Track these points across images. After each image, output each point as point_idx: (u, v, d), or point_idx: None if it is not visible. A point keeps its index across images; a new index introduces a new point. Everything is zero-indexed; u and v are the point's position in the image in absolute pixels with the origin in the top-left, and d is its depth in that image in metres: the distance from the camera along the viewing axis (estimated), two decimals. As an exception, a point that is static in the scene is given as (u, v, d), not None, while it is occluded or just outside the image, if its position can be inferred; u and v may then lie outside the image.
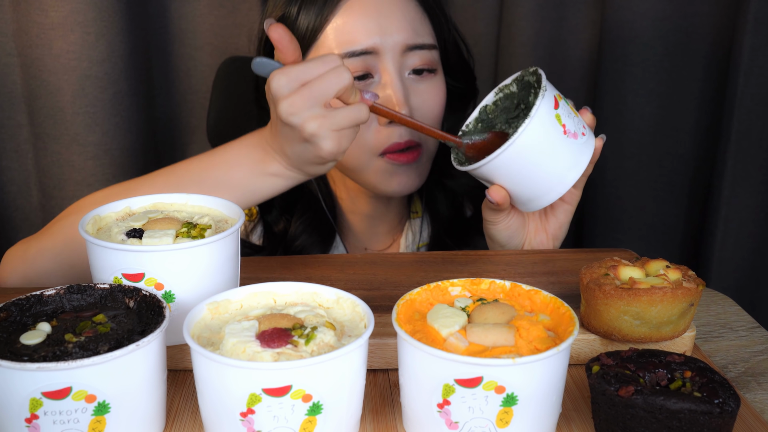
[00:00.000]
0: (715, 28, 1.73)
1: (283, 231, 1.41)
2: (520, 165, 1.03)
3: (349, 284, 1.04)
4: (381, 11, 1.24)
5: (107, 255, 0.83)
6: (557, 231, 1.20)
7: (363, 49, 1.23)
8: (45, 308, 0.77)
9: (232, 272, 0.89)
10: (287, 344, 0.70)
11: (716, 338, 0.99)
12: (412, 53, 1.26)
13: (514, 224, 1.17)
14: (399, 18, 1.24)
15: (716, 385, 0.71)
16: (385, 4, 1.24)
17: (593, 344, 0.89)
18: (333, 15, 1.24)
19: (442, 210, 1.45)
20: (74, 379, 0.66)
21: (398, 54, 1.24)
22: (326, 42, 1.24)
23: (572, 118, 1.05)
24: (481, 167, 1.05)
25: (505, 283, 0.83)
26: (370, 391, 0.84)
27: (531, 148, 1.01)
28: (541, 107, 1.01)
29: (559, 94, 1.05)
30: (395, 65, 1.24)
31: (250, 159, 1.10)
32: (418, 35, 1.26)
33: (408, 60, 1.26)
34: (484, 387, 0.68)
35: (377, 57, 1.24)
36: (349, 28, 1.23)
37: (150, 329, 0.72)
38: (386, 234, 1.47)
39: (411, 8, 1.26)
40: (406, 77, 1.27)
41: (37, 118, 1.77)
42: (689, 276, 0.87)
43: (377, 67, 1.25)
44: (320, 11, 1.24)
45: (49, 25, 1.69)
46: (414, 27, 1.25)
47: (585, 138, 1.06)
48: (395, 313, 0.75)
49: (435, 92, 1.30)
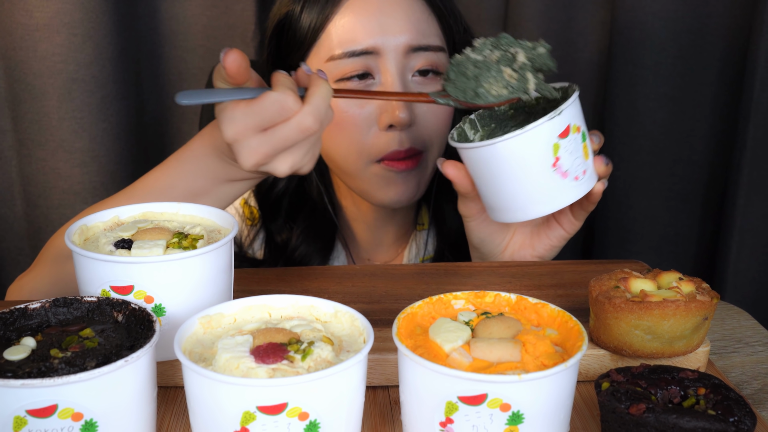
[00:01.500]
0: (730, 30, 1.73)
1: (286, 241, 1.41)
2: (490, 170, 1.00)
3: (347, 297, 1.04)
4: (384, 10, 1.24)
5: (95, 267, 0.83)
6: (545, 252, 1.19)
7: (363, 49, 1.23)
8: (29, 322, 0.78)
9: (225, 285, 0.89)
10: (283, 360, 0.70)
11: (731, 353, 0.99)
12: (416, 54, 1.26)
13: (488, 228, 1.17)
14: (402, 18, 1.24)
15: (731, 402, 0.71)
16: (388, 3, 1.25)
17: (603, 360, 0.89)
18: (334, 14, 1.24)
19: (449, 223, 1.44)
20: (60, 396, 0.66)
21: (401, 55, 1.24)
22: (327, 41, 1.25)
23: (576, 157, 1.00)
24: (460, 150, 1.02)
25: (511, 296, 0.83)
26: (369, 408, 0.84)
27: (506, 161, 0.98)
28: (541, 128, 0.96)
29: (579, 125, 1.00)
30: (397, 66, 1.24)
31: (209, 169, 1.08)
32: (423, 36, 1.26)
33: (412, 61, 1.26)
34: (489, 405, 0.68)
35: (378, 57, 1.24)
36: (350, 27, 1.23)
37: (139, 344, 0.72)
38: (391, 245, 1.47)
39: (416, 8, 1.26)
40: (409, 79, 1.26)
41: (21, 124, 1.78)
42: (703, 288, 0.87)
43: (378, 67, 1.25)
44: (322, 9, 1.25)
45: (34, 26, 1.70)
46: (418, 27, 1.25)
47: (578, 182, 1.01)
48: (396, 327, 0.75)
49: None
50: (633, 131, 1.83)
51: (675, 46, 1.76)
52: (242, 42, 1.88)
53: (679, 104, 1.80)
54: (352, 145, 1.26)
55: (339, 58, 1.24)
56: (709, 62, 1.77)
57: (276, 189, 1.41)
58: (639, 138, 1.83)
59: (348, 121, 1.25)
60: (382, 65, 1.24)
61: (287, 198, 1.42)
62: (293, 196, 1.43)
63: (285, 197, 1.42)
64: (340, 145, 1.28)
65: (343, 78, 1.24)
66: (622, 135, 1.83)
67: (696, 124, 1.81)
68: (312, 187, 1.42)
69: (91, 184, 1.81)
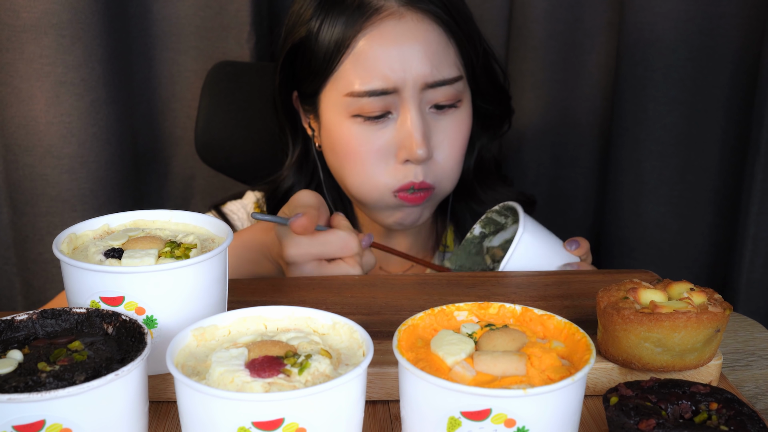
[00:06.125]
0: (743, 31, 1.74)
1: None
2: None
3: (346, 308, 1.04)
4: (402, 44, 1.28)
5: (84, 277, 0.83)
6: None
7: (383, 88, 1.28)
8: (16, 334, 0.78)
9: (219, 295, 0.89)
10: (279, 374, 0.70)
11: (744, 367, 0.99)
12: (432, 89, 1.30)
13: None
14: (420, 51, 1.28)
15: (745, 418, 0.71)
16: (407, 35, 1.29)
17: (611, 373, 0.89)
18: (352, 46, 1.29)
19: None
20: (48, 411, 0.66)
21: (418, 91, 1.29)
22: (345, 74, 1.30)
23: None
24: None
25: (516, 307, 0.83)
26: (369, 424, 0.84)
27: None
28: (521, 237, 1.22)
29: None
30: (415, 101, 1.29)
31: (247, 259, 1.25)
32: (438, 71, 1.30)
33: (428, 95, 1.31)
34: (493, 420, 0.68)
35: (396, 95, 1.29)
36: (369, 62, 1.28)
37: (130, 357, 0.72)
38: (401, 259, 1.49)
39: (433, 38, 1.30)
40: (426, 112, 1.31)
41: (7, 128, 1.78)
42: (715, 299, 0.87)
43: (396, 104, 1.29)
44: (339, 38, 1.29)
45: (21, 27, 1.70)
46: (434, 61, 1.29)
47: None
48: (396, 339, 0.75)
49: (457, 128, 1.34)
50: (642, 136, 1.83)
51: (686, 47, 1.76)
52: (237, 44, 1.88)
53: (689, 108, 1.80)
54: (368, 177, 1.33)
55: (359, 96, 1.29)
56: (721, 64, 1.77)
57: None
58: (648, 143, 1.84)
59: (366, 153, 1.31)
60: (401, 102, 1.29)
61: None
62: None
63: None
64: (357, 176, 1.35)
65: (360, 115, 1.30)
66: (631, 140, 1.83)
67: (707, 128, 1.81)
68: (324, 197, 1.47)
69: (80, 191, 1.81)
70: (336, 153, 1.35)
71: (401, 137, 1.29)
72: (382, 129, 1.30)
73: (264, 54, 1.93)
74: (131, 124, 1.90)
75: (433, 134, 1.31)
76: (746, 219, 1.73)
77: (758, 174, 1.69)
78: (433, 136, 1.31)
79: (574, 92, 1.95)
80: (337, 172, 1.39)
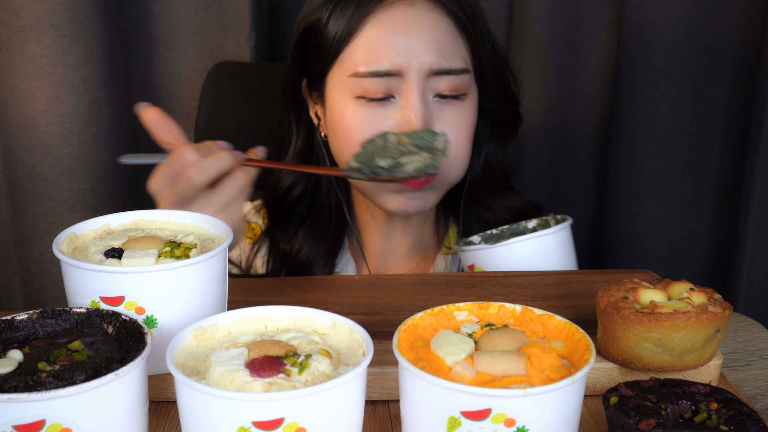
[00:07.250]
0: (743, 31, 1.74)
1: (290, 249, 1.44)
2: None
3: (346, 308, 1.05)
4: (410, 30, 1.28)
5: (84, 276, 0.83)
6: None
7: (387, 70, 1.27)
8: (16, 334, 0.78)
9: (219, 295, 0.89)
10: (279, 373, 0.70)
11: (744, 367, 0.99)
12: (437, 77, 1.30)
13: None
14: (427, 38, 1.28)
15: (744, 417, 0.71)
16: (416, 21, 1.29)
17: (611, 373, 0.89)
18: (361, 27, 1.29)
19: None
20: (48, 411, 0.66)
21: (423, 77, 1.28)
22: (351, 55, 1.29)
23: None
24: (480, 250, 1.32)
25: (516, 307, 0.83)
26: (369, 424, 0.84)
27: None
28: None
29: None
30: (418, 88, 1.28)
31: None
32: (445, 60, 1.29)
33: (433, 83, 1.30)
34: (493, 420, 0.68)
35: (400, 78, 1.28)
36: (376, 45, 1.28)
37: (130, 357, 0.72)
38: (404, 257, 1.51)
39: (442, 27, 1.30)
40: (430, 100, 1.31)
41: (7, 128, 1.78)
42: (715, 299, 0.87)
43: (400, 88, 1.29)
44: (349, 21, 1.30)
45: (21, 27, 1.70)
46: (442, 50, 1.29)
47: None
48: (396, 339, 0.75)
49: (461, 118, 1.33)
50: (642, 136, 1.83)
51: (686, 47, 1.76)
52: (237, 44, 1.88)
53: (689, 108, 1.80)
54: None
55: (363, 76, 1.28)
56: (721, 65, 1.77)
57: (290, 196, 1.47)
58: (648, 143, 1.84)
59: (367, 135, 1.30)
60: (404, 86, 1.28)
61: (303, 205, 1.48)
62: (307, 204, 1.48)
63: (300, 204, 1.48)
64: None
65: (364, 97, 1.29)
66: (631, 140, 1.83)
67: (707, 128, 1.81)
68: (323, 193, 1.47)
69: (80, 191, 1.81)
70: (338, 135, 1.35)
71: (402, 120, 1.28)
72: (384, 112, 1.29)
73: (264, 54, 1.93)
74: (131, 124, 1.90)
75: (435, 121, 1.30)
76: (746, 219, 1.73)
77: (758, 174, 1.69)
78: (435, 123, 1.30)
79: (574, 92, 1.95)
80: (339, 156, 1.38)
